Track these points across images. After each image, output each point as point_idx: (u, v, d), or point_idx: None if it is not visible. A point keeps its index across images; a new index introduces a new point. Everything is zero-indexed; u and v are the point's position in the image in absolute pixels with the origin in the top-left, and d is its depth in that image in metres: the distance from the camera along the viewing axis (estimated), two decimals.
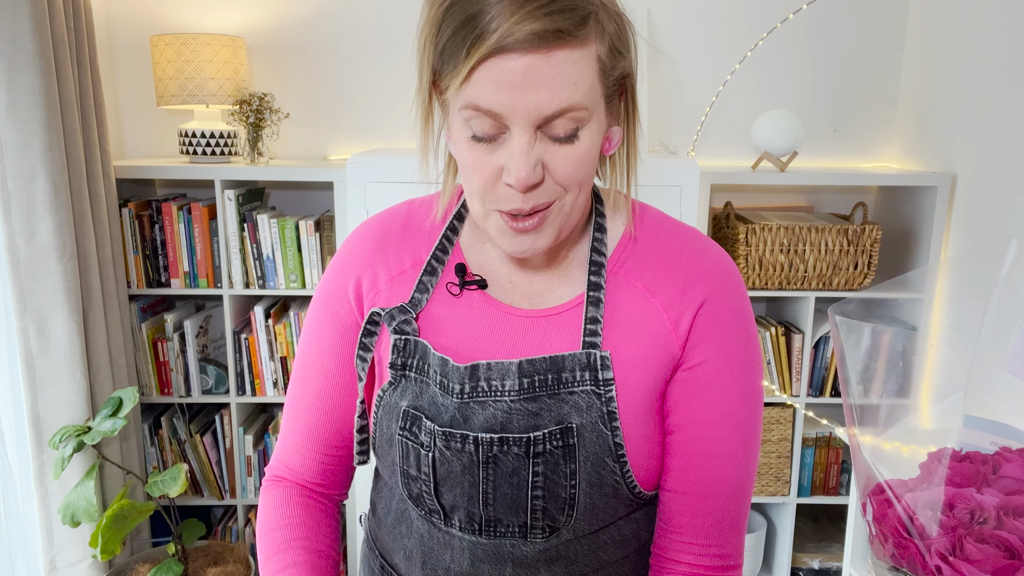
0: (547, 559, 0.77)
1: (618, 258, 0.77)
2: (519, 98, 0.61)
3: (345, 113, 2.28)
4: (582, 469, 0.72)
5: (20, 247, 1.73)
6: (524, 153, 0.63)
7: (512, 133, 0.64)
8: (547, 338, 0.75)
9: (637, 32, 0.70)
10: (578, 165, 0.66)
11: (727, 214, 2.16)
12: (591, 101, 0.64)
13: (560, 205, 0.69)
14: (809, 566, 2.31)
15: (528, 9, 0.58)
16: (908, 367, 0.76)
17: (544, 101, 0.61)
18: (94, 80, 1.92)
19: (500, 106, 0.62)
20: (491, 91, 0.61)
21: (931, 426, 0.79)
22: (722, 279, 0.76)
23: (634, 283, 0.76)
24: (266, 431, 2.28)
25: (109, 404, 1.77)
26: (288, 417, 0.86)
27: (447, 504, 0.75)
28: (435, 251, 0.79)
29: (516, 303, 0.78)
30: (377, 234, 0.83)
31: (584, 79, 0.63)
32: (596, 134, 0.67)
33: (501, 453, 0.72)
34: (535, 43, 0.59)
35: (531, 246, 0.70)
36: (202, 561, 1.98)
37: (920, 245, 2.11)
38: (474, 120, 0.64)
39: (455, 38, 0.61)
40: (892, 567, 0.69)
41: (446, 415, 0.74)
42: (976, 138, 1.97)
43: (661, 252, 0.77)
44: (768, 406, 2.19)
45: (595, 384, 0.72)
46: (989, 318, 0.70)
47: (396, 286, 0.80)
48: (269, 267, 2.09)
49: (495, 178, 0.66)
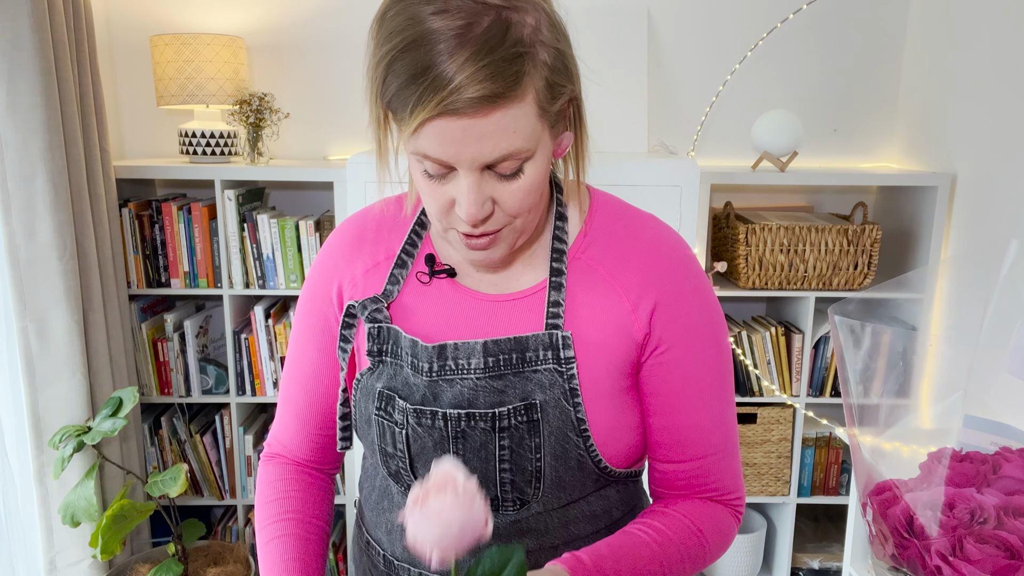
0: (518, 531, 0.82)
1: (579, 244, 0.82)
2: (463, 150, 0.66)
3: (345, 113, 2.28)
4: (547, 443, 0.77)
5: (20, 247, 1.73)
6: (472, 193, 0.68)
7: (460, 174, 0.68)
8: (512, 320, 0.80)
9: (640, 30, 0.71)
10: (525, 196, 0.71)
11: (727, 214, 2.16)
12: (532, 142, 0.68)
13: (511, 229, 0.74)
14: (809, 566, 2.31)
15: (467, 73, 0.61)
16: (908, 367, 0.77)
17: (486, 151, 0.66)
18: (94, 80, 1.92)
19: (446, 156, 0.67)
20: (436, 144, 0.66)
21: (931, 426, 0.79)
22: (679, 262, 0.81)
23: (595, 267, 0.80)
24: (266, 431, 2.28)
25: (109, 404, 1.77)
26: (282, 402, 0.93)
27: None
28: (405, 244, 0.84)
29: (483, 289, 0.83)
30: (353, 233, 0.89)
31: (523, 127, 0.66)
32: (542, 162, 0.71)
33: (469, 428, 0.77)
34: (473, 106, 0.63)
35: (486, 257, 0.76)
36: (202, 561, 1.98)
37: (920, 245, 2.11)
38: (425, 162, 0.69)
39: (399, 96, 0.65)
40: (892, 567, 0.69)
41: (417, 394, 0.79)
42: (976, 138, 1.96)
43: (620, 238, 0.82)
44: (768, 406, 2.20)
45: (557, 363, 0.77)
46: (989, 318, 0.70)
47: (371, 278, 0.85)
48: (269, 267, 2.09)
49: (449, 207, 0.71)
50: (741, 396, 2.20)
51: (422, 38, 0.62)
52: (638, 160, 1.88)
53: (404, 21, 0.64)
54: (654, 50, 2.25)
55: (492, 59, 0.62)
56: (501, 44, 0.62)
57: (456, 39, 0.62)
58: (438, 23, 0.62)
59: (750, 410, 2.19)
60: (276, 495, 0.89)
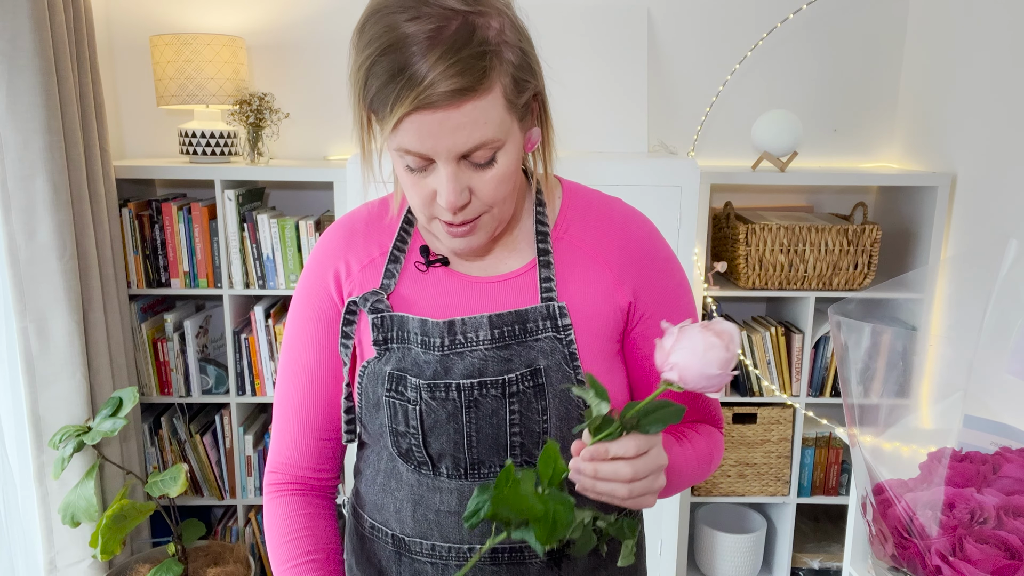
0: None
1: (560, 226, 0.90)
2: (440, 141, 0.73)
3: (345, 113, 2.26)
4: (552, 405, 0.84)
5: (20, 247, 1.73)
6: (450, 182, 0.75)
7: (439, 165, 0.75)
8: (509, 297, 0.88)
9: (640, 30, 0.73)
10: (498, 185, 0.78)
11: (727, 214, 2.16)
12: (502, 132, 0.75)
13: (489, 216, 0.81)
14: (809, 566, 2.31)
15: (439, 70, 0.69)
16: (908, 367, 0.77)
17: (460, 141, 0.73)
18: (94, 80, 1.92)
19: (425, 148, 0.73)
20: (415, 138, 0.73)
21: (931, 426, 0.79)
22: (651, 235, 0.91)
23: (578, 245, 0.89)
24: (266, 431, 2.28)
25: (109, 404, 1.77)
26: (280, 412, 0.96)
27: (435, 453, 0.86)
28: (396, 241, 0.90)
29: (476, 273, 0.89)
30: (343, 232, 0.94)
31: (492, 117, 0.73)
32: (512, 152, 0.78)
33: (481, 396, 0.84)
34: (447, 99, 0.70)
35: (467, 245, 0.83)
36: (202, 561, 1.98)
37: (920, 245, 2.11)
38: (406, 156, 0.76)
39: (379, 96, 0.72)
40: (892, 567, 0.69)
41: (428, 369, 0.85)
42: (976, 138, 1.97)
43: (595, 218, 0.91)
44: (768, 406, 2.20)
45: (556, 331, 0.85)
46: (989, 318, 0.70)
47: (367, 274, 0.90)
48: (269, 267, 2.09)
49: (431, 198, 0.78)
50: (741, 396, 2.20)
51: (398, 42, 0.70)
52: (638, 160, 1.88)
53: (381, 29, 0.72)
54: (654, 50, 2.25)
55: (461, 56, 0.69)
56: (468, 43, 0.70)
57: (428, 41, 0.69)
58: (412, 28, 0.70)
59: (750, 410, 2.19)
60: (290, 534, 0.93)
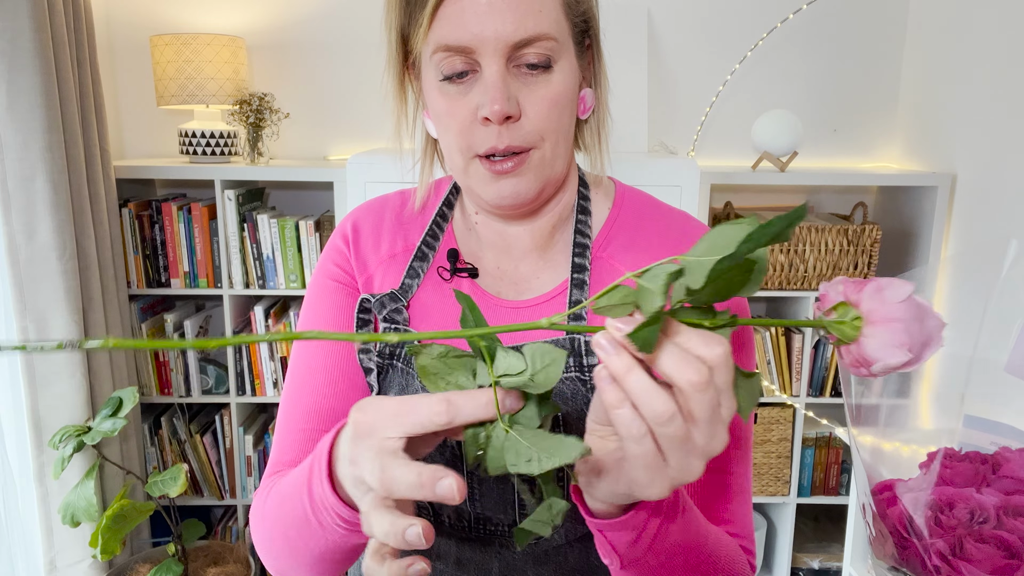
0: (535, 560, 0.77)
1: (602, 241, 0.77)
2: (486, 25, 0.62)
3: (345, 113, 2.28)
4: None
5: (20, 247, 1.73)
6: (497, 82, 0.64)
7: (483, 67, 0.65)
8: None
9: (640, 30, 0.70)
10: (552, 105, 0.67)
11: (727, 214, 2.16)
12: (558, 32, 0.66)
13: (540, 155, 0.69)
14: (809, 566, 2.31)
15: None
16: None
17: (510, 28, 0.63)
18: (94, 80, 1.92)
19: (469, 36, 0.63)
20: (457, 25, 0.63)
21: (931, 426, 0.79)
22: None
23: (617, 267, 0.75)
24: (266, 431, 2.28)
25: (109, 404, 1.77)
26: (285, 423, 0.81)
27: (435, 503, 0.75)
28: (425, 236, 0.80)
29: (503, 293, 0.78)
30: (371, 218, 0.83)
31: (548, 7, 0.64)
32: (569, 75, 0.68)
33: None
34: None
35: (513, 190, 0.70)
36: (202, 561, 1.98)
37: (920, 245, 2.11)
38: (445, 62, 0.65)
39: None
40: (892, 567, 0.69)
41: None
42: (976, 138, 1.96)
43: (646, 235, 0.77)
44: (768, 406, 2.20)
45: (580, 370, 0.71)
46: (989, 318, 0.70)
47: (389, 268, 0.80)
48: (269, 267, 2.09)
49: (471, 119, 0.67)
50: None
51: None
52: (638, 160, 1.88)
53: None
54: (654, 50, 2.25)
55: None
56: None
57: None
58: None
59: None
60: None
